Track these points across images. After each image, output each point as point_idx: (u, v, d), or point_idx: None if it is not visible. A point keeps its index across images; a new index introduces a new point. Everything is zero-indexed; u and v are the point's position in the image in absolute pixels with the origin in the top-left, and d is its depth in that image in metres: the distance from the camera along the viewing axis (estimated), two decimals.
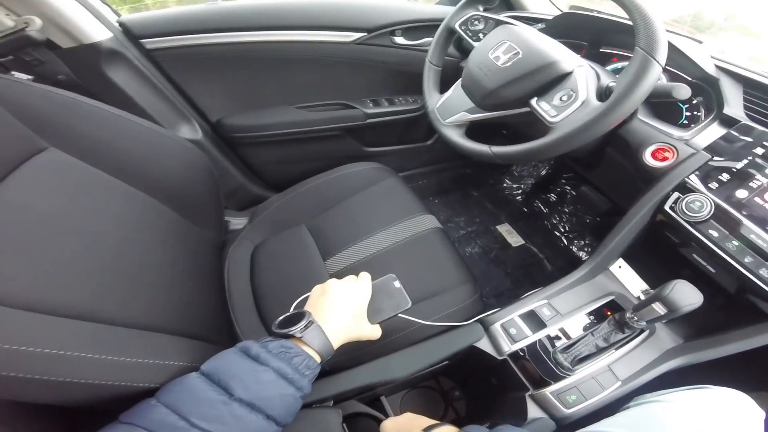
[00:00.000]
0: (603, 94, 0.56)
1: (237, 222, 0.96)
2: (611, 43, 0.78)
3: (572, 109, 0.54)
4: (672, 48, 0.65)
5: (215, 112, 0.97)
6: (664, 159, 0.62)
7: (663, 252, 0.65)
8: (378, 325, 0.56)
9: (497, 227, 1.37)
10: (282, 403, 0.40)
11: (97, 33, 0.77)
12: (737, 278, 0.53)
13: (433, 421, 0.49)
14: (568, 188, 1.38)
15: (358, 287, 0.55)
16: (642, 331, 0.60)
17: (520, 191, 1.46)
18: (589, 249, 1.28)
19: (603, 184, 0.97)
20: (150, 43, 0.83)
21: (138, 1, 1.25)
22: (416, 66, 1.02)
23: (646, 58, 0.48)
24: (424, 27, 0.99)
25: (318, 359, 0.45)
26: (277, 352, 0.42)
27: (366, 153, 1.17)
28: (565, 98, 0.55)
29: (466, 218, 1.40)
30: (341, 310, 0.51)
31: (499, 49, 0.62)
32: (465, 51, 0.92)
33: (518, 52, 0.60)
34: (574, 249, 1.30)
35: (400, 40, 0.99)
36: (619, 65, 0.78)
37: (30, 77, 0.77)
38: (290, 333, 0.44)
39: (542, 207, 1.41)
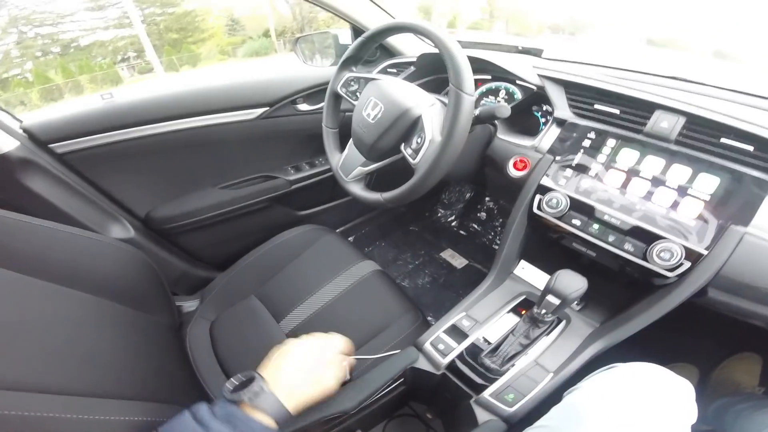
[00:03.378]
0: None
1: (189, 305, 0.96)
2: None
3: (424, 149, 0.60)
4: (500, 68, 0.77)
5: (142, 206, 0.99)
6: (524, 167, 0.71)
7: (554, 248, 0.71)
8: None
9: (441, 254, 1.45)
10: None
11: (4, 143, 0.75)
12: (612, 257, 0.59)
13: None
14: (491, 204, 1.50)
15: (319, 342, 0.54)
16: (559, 321, 0.65)
17: (453, 217, 1.57)
18: None
19: (500, 198, 1.04)
20: (59, 147, 0.82)
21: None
22: None
23: (457, 93, 0.56)
24: (323, 90, 1.02)
25: (271, 423, 0.44)
26: (223, 420, 0.43)
27: (299, 217, 1.22)
28: (419, 140, 0.61)
29: (411, 253, 1.47)
30: (295, 369, 0.49)
31: (368, 105, 0.68)
32: None
33: (381, 107, 0.66)
34: None
35: (303, 106, 1.06)
36: (484, 88, 0.88)
37: None
38: (237, 399, 0.44)
39: (476, 226, 1.53)
